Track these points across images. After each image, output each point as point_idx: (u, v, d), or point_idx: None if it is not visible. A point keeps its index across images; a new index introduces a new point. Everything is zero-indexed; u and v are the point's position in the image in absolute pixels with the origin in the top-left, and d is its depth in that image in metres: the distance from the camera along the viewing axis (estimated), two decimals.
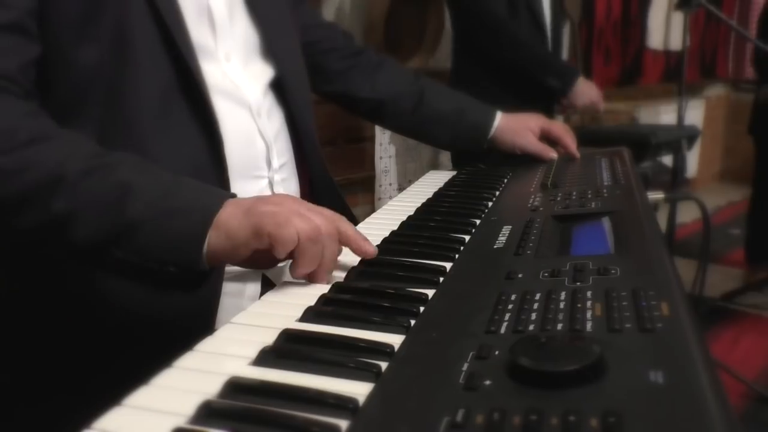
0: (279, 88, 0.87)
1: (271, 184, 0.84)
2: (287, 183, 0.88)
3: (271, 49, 0.86)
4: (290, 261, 0.60)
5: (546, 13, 2.15)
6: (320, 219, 0.60)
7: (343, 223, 0.62)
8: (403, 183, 2.55)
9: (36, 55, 0.67)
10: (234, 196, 0.62)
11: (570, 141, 1.11)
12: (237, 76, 0.80)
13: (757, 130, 2.97)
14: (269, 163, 0.83)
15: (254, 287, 0.79)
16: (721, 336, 2.46)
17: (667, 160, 2.26)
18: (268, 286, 0.79)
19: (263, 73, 0.85)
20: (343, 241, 0.62)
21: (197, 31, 0.75)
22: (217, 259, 0.60)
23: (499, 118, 1.11)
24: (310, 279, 0.60)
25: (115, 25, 0.69)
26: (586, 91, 2.04)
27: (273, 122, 0.85)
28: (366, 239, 0.64)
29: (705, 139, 4.68)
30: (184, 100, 0.73)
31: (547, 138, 1.13)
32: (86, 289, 0.68)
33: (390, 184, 2.50)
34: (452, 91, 1.15)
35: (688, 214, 3.00)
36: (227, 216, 0.58)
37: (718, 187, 4.99)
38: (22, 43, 0.66)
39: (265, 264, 0.62)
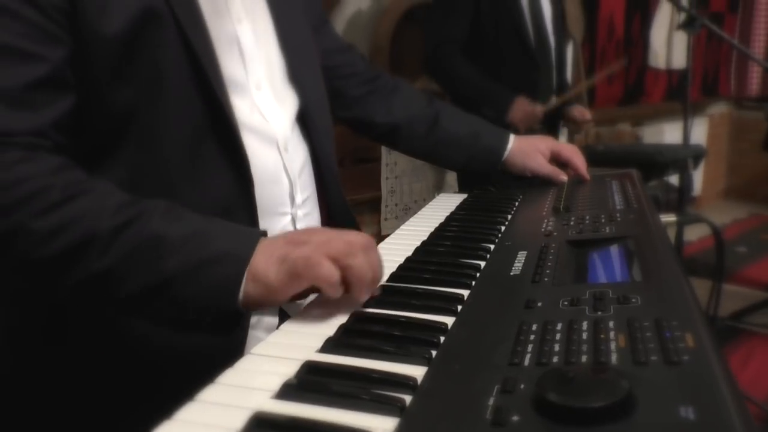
0: (303, 119, 0.87)
1: (294, 220, 0.83)
2: (309, 217, 0.87)
3: (295, 77, 0.86)
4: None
5: (549, 35, 2.17)
6: (350, 236, 0.61)
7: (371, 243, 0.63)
8: (410, 203, 2.56)
9: (71, 106, 0.67)
10: (265, 233, 0.63)
11: (580, 163, 1.11)
12: (266, 107, 0.80)
13: None
14: (293, 200, 0.83)
15: (271, 319, 0.79)
16: (730, 356, 2.44)
17: (673, 179, 2.27)
18: (284, 316, 0.79)
19: (290, 102, 0.85)
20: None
21: (228, 63, 0.75)
22: (255, 306, 0.60)
23: (512, 141, 1.11)
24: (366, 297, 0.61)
25: (151, 64, 0.68)
26: (521, 112, 2.00)
27: (298, 157, 0.85)
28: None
29: (709, 157, 4.68)
30: (214, 140, 0.73)
31: (557, 160, 1.13)
32: (113, 327, 0.68)
33: (396, 205, 2.50)
34: (466, 114, 1.15)
35: (694, 232, 3.00)
36: (263, 266, 0.59)
37: (722, 204, 4.99)
38: (56, 97, 0.65)
39: (302, 297, 0.63)
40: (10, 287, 0.73)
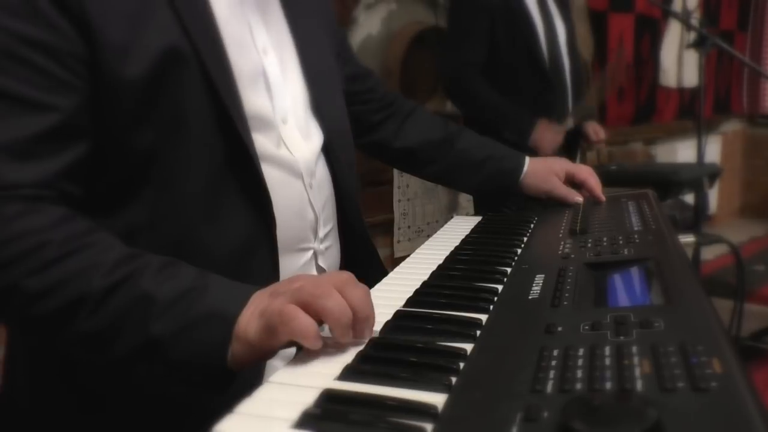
0: (327, 151, 0.86)
1: (315, 255, 0.82)
2: (330, 251, 0.86)
3: (319, 109, 0.85)
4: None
5: (564, 56, 2.17)
6: (326, 277, 0.58)
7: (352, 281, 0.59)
8: (422, 225, 2.55)
9: (82, 153, 0.65)
10: (260, 288, 0.60)
11: (595, 184, 1.11)
12: (292, 141, 0.79)
13: None
14: (316, 234, 0.81)
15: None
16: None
17: (688, 198, 2.25)
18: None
19: (315, 134, 0.84)
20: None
21: (253, 97, 0.73)
22: (243, 364, 0.58)
23: (528, 164, 1.10)
24: (356, 336, 0.57)
25: (172, 105, 0.66)
26: (546, 137, 2.02)
27: (323, 191, 0.84)
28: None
29: (723, 174, 4.65)
30: (235, 179, 0.71)
31: (571, 181, 1.12)
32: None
33: (409, 227, 2.50)
34: (481, 137, 1.14)
35: (711, 251, 2.96)
36: (245, 323, 0.57)
37: (738, 222, 4.94)
38: (66, 146, 0.64)
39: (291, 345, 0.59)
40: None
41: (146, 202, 0.68)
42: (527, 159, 1.11)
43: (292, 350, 0.77)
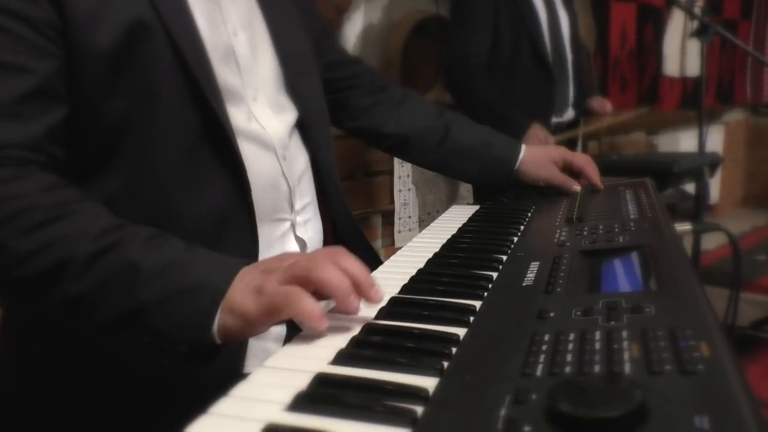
0: (302, 128, 0.88)
1: (293, 226, 0.84)
2: (310, 224, 0.88)
3: (293, 88, 0.87)
4: None
5: (567, 47, 2.17)
6: (314, 253, 0.61)
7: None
8: (423, 215, 2.56)
9: (62, 117, 0.67)
10: (248, 263, 0.61)
11: (593, 172, 1.11)
12: (263, 117, 0.81)
13: None
14: (292, 206, 0.84)
15: (279, 328, 0.79)
16: (750, 366, 2.39)
17: (689, 187, 2.25)
18: (293, 329, 0.79)
19: (288, 112, 0.86)
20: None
21: (224, 74, 0.76)
22: (233, 337, 0.58)
23: (524, 151, 1.10)
24: (366, 298, 0.59)
25: (143, 77, 0.69)
26: (536, 141, 1.97)
27: (297, 164, 0.86)
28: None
29: (726, 164, 4.63)
30: (210, 148, 0.73)
31: (569, 170, 1.12)
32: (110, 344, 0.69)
33: (409, 217, 2.50)
34: (477, 124, 1.14)
35: (712, 240, 2.96)
36: (240, 297, 0.57)
37: (741, 212, 4.93)
38: (47, 108, 0.66)
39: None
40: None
41: (122, 172, 0.70)
42: (524, 147, 1.11)
43: (283, 332, 0.79)
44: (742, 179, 5.09)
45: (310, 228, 0.88)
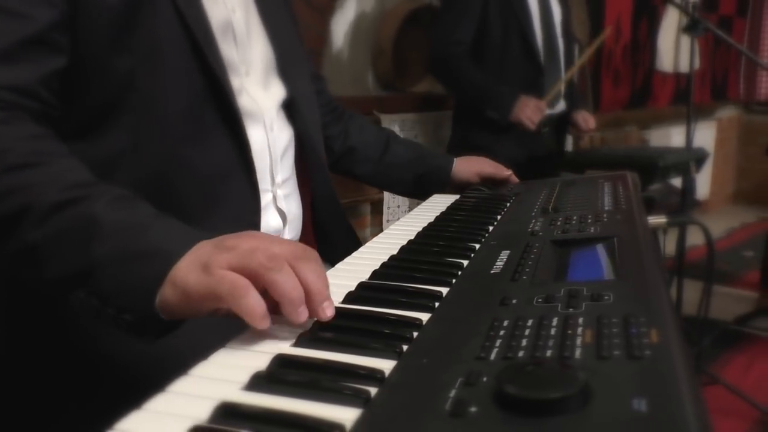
0: (289, 109, 0.92)
1: (275, 198, 0.88)
2: (290, 199, 0.91)
3: (284, 70, 0.91)
4: None
5: (558, 38, 2.17)
6: (281, 247, 0.55)
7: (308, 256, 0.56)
8: (412, 205, 2.56)
9: (59, 67, 0.69)
10: (210, 236, 0.58)
11: (499, 169, 1.20)
12: (254, 91, 0.85)
13: None
14: (273, 178, 0.87)
15: None
16: (734, 360, 2.42)
17: (677, 182, 2.26)
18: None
19: (277, 91, 0.90)
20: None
21: (223, 46, 0.79)
22: (176, 314, 0.55)
23: (456, 160, 1.20)
24: (312, 314, 0.54)
25: (149, 39, 0.72)
26: (526, 111, 2.00)
27: (282, 138, 0.89)
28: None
29: (717, 160, 4.66)
30: (212, 110, 0.77)
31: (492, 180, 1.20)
32: (74, 315, 0.69)
33: (398, 206, 2.50)
34: (412, 141, 1.29)
35: (700, 236, 2.98)
36: (184, 269, 0.54)
37: (731, 208, 4.96)
38: (43, 55, 0.68)
39: (231, 317, 0.54)
40: None
41: (128, 127, 0.73)
42: (454, 158, 1.21)
43: None
44: (733, 176, 5.12)
45: (291, 202, 0.92)
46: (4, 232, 0.59)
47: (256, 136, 0.83)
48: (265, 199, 0.85)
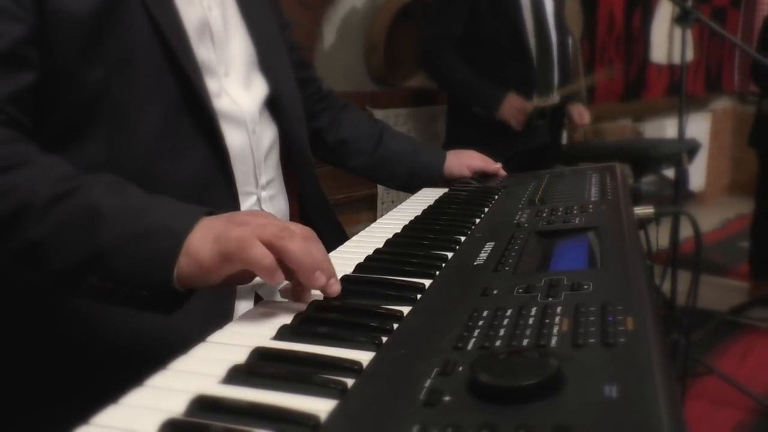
0: (272, 105, 0.90)
1: (259, 200, 0.86)
2: (275, 200, 0.90)
3: (265, 63, 0.89)
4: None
5: (551, 30, 2.16)
6: (290, 224, 0.59)
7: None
8: (405, 200, 2.56)
9: (29, 82, 0.68)
10: (211, 212, 0.61)
11: (487, 163, 1.20)
12: (235, 92, 0.83)
13: (759, 143, 2.96)
14: (257, 180, 0.85)
15: (247, 305, 0.80)
16: (729, 350, 2.43)
17: (670, 173, 2.26)
18: None
19: (259, 88, 0.88)
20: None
21: (199, 48, 0.78)
22: (190, 284, 0.58)
23: (448, 155, 1.19)
24: (323, 290, 0.58)
25: (120, 47, 0.70)
26: (512, 110, 2.02)
27: (265, 138, 0.88)
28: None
29: (712, 152, 4.66)
30: (189, 117, 0.75)
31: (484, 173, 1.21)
32: (73, 306, 0.69)
33: (392, 202, 2.50)
34: (405, 135, 1.26)
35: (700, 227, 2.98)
36: (198, 242, 0.57)
37: (726, 199, 4.96)
38: (13, 72, 0.66)
39: (244, 281, 0.62)
40: None
41: (103, 140, 0.71)
42: (447, 153, 1.20)
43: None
44: (728, 167, 5.12)
45: (276, 203, 0.90)
46: (4, 234, 0.60)
47: (237, 139, 0.81)
48: (249, 202, 0.84)
